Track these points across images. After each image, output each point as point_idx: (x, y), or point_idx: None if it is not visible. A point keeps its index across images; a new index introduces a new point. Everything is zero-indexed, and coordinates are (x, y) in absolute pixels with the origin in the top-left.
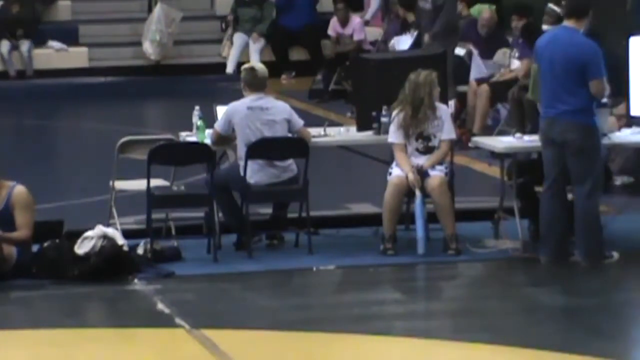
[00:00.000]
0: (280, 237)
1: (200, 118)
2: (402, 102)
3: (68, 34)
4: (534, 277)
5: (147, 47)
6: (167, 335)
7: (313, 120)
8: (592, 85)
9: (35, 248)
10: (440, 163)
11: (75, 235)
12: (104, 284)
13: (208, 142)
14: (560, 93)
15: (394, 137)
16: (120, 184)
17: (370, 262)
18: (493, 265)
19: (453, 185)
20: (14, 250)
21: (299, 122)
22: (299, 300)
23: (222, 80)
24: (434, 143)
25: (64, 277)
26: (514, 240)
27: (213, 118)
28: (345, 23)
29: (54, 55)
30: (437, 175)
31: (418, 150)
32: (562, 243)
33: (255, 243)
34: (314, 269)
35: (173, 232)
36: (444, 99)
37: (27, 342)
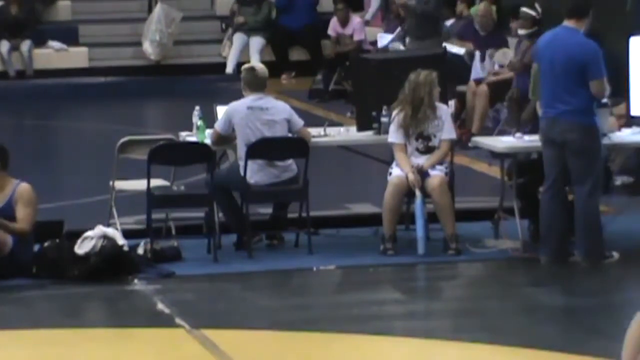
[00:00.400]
0: (280, 237)
1: (200, 118)
2: (402, 102)
3: (68, 34)
4: (534, 277)
5: (147, 47)
6: (167, 335)
7: (313, 120)
8: (592, 86)
9: (36, 248)
10: (441, 163)
11: (76, 235)
12: (104, 284)
13: (208, 142)
14: (561, 93)
15: (394, 137)
16: (120, 184)
17: (370, 262)
18: (493, 265)
19: (453, 185)
20: (10, 239)
21: (299, 122)
22: (299, 300)
23: (222, 80)
24: (434, 143)
25: (64, 277)
26: (514, 240)
27: (213, 118)
28: (345, 23)
29: (54, 55)
30: (437, 175)
31: (418, 150)
32: (562, 243)
33: (255, 243)
34: (314, 269)
35: (173, 232)
36: (444, 99)
37: (27, 342)
